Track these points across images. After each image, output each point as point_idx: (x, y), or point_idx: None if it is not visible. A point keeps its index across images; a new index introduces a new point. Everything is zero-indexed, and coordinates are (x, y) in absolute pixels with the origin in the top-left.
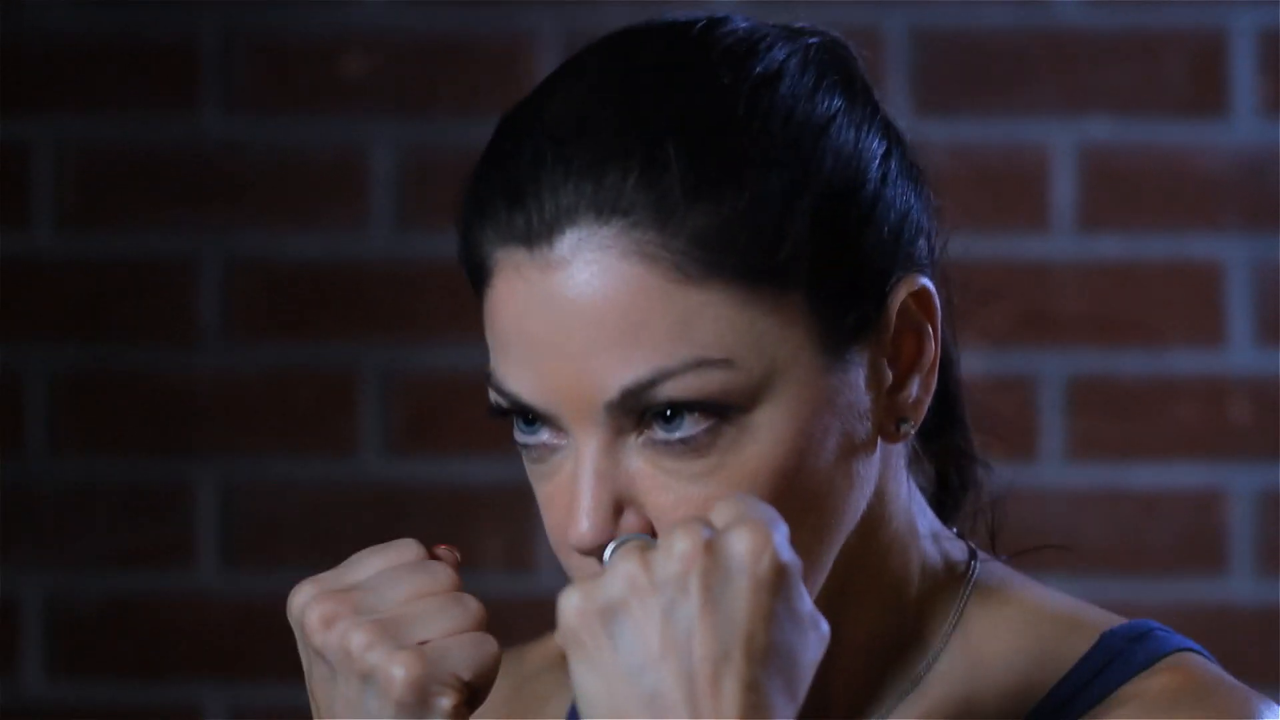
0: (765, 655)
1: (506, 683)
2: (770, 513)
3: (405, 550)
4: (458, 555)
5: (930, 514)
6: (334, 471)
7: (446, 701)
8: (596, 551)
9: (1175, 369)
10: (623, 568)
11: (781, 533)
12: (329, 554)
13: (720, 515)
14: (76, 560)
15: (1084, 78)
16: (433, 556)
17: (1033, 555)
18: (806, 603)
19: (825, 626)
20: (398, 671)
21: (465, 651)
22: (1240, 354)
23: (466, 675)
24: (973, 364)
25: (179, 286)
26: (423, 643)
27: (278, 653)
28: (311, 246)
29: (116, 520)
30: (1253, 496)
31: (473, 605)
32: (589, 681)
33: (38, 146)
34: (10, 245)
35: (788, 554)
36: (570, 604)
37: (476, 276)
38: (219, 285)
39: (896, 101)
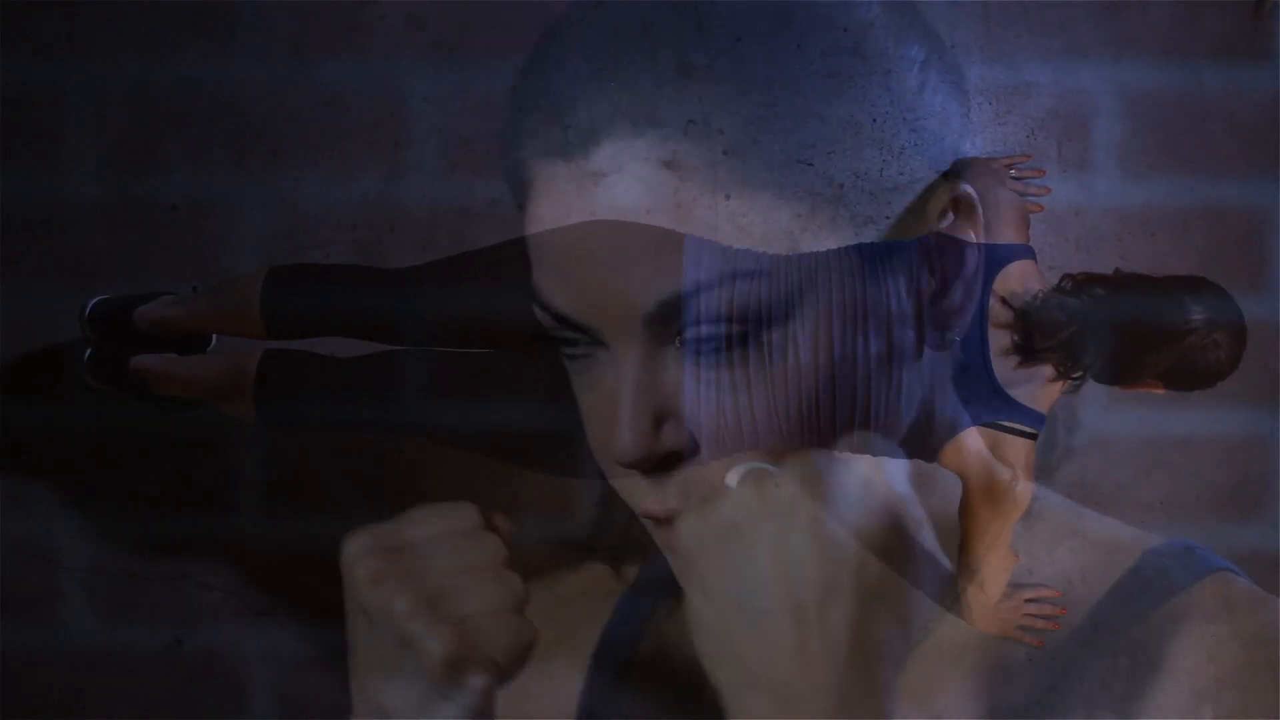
0: (877, 586)
1: (542, 607)
2: (890, 448)
3: (464, 516)
4: (513, 525)
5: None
6: (374, 416)
7: (479, 680)
8: (639, 464)
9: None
10: (739, 491)
11: (900, 465)
12: (368, 500)
13: (842, 446)
14: (117, 504)
15: (1127, 20)
16: (489, 525)
17: (1078, 497)
18: (925, 539)
19: (946, 564)
20: (435, 645)
21: (503, 634)
22: None
23: (501, 658)
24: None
25: (216, 232)
26: (464, 618)
27: (317, 598)
28: (348, 192)
29: (157, 464)
30: None
31: (517, 586)
32: (699, 602)
33: (72, 91)
34: (45, 191)
35: (903, 486)
36: (687, 526)
37: (518, 191)
38: (255, 231)
39: None
